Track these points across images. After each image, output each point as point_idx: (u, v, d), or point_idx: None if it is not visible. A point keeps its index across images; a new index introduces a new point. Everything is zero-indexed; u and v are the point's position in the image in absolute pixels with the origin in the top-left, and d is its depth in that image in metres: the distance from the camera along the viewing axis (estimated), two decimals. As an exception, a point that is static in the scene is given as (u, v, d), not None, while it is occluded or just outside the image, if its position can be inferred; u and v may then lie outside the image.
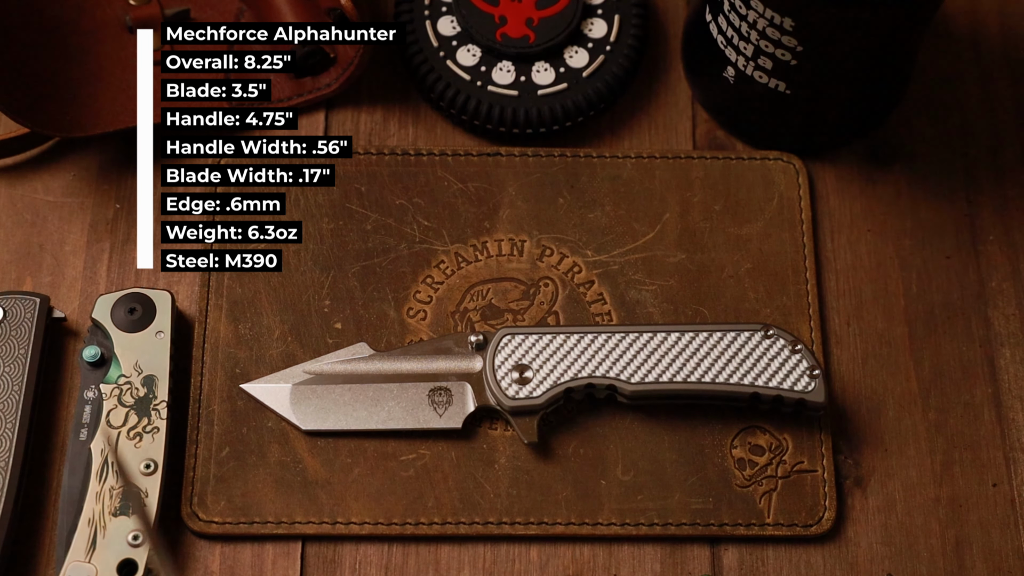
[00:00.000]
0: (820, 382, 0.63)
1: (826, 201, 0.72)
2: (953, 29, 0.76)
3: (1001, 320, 0.69)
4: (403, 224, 0.69)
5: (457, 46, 0.72)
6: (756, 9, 0.64)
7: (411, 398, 0.64)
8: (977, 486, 0.65)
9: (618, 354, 0.64)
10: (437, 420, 0.64)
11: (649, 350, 0.64)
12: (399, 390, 0.64)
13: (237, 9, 0.73)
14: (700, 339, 0.64)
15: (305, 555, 0.63)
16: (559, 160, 0.71)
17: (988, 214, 0.72)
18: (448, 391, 0.64)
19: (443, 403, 0.64)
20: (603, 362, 0.63)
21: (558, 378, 0.63)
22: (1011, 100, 0.75)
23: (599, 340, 0.64)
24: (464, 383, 0.64)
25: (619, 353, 0.64)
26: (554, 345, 0.64)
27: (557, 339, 0.64)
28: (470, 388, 0.64)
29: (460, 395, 0.64)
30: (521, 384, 0.63)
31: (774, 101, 0.69)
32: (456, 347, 0.65)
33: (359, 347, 0.65)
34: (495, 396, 0.63)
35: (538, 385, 0.63)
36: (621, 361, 0.64)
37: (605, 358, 0.63)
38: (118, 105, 0.70)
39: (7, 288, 0.68)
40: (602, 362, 0.63)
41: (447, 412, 0.64)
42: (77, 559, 0.59)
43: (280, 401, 0.64)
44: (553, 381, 0.63)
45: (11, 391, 0.62)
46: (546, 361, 0.63)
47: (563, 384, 0.63)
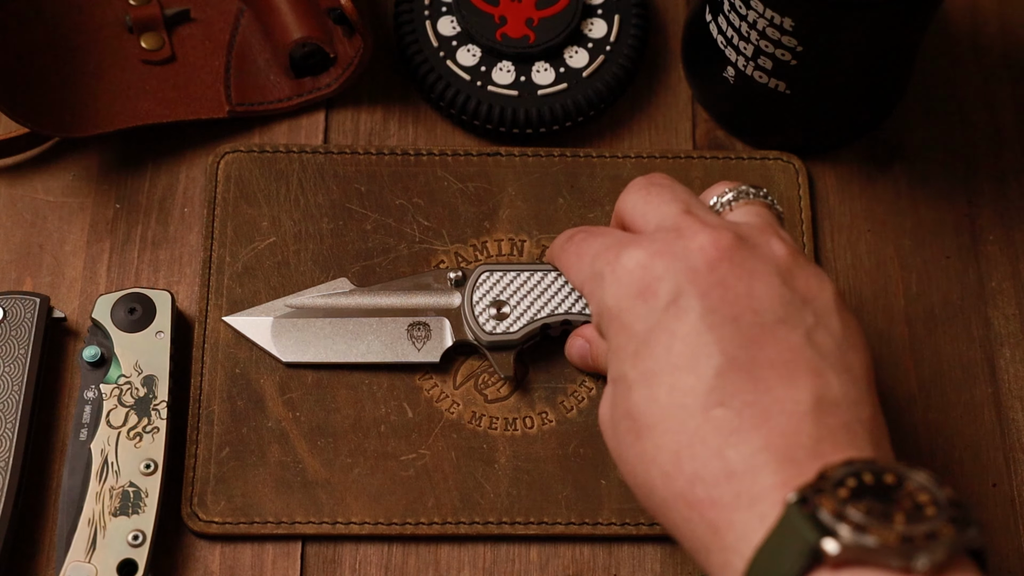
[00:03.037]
0: None
1: (826, 201, 0.72)
2: (953, 29, 0.76)
3: (1001, 320, 0.69)
4: (403, 224, 0.69)
5: (457, 46, 0.72)
6: (756, 9, 0.64)
7: (390, 332, 0.65)
8: (977, 486, 0.65)
9: None
10: (415, 354, 0.65)
11: None
12: (379, 324, 0.65)
13: (237, 9, 0.73)
14: None
15: (305, 555, 0.63)
16: (559, 160, 0.71)
17: (988, 214, 0.72)
18: (427, 326, 0.65)
19: (422, 337, 0.65)
20: (580, 298, 0.64)
21: (535, 314, 0.64)
22: (1011, 100, 0.75)
23: None
24: (443, 318, 0.65)
25: None
26: (532, 282, 0.65)
27: (535, 276, 0.65)
28: (448, 323, 0.65)
29: (439, 330, 0.65)
30: (499, 319, 0.64)
31: (774, 101, 0.69)
32: (435, 283, 0.66)
33: (340, 282, 0.67)
34: (473, 331, 0.64)
35: (515, 321, 0.64)
36: None
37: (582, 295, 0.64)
38: (118, 105, 0.70)
39: (7, 288, 0.68)
40: (579, 298, 0.64)
41: (425, 346, 0.65)
42: (77, 559, 0.59)
43: (261, 334, 0.65)
44: (530, 317, 0.64)
45: (11, 391, 0.62)
46: (523, 297, 0.64)
47: (540, 320, 0.64)
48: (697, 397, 0.50)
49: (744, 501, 0.47)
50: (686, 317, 0.51)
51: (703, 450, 0.49)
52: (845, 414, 0.49)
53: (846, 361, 0.51)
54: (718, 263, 0.52)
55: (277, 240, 0.68)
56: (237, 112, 0.71)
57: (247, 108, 0.71)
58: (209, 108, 0.71)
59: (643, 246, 0.53)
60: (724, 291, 0.51)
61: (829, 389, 0.49)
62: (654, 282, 0.52)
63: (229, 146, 0.70)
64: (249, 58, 0.72)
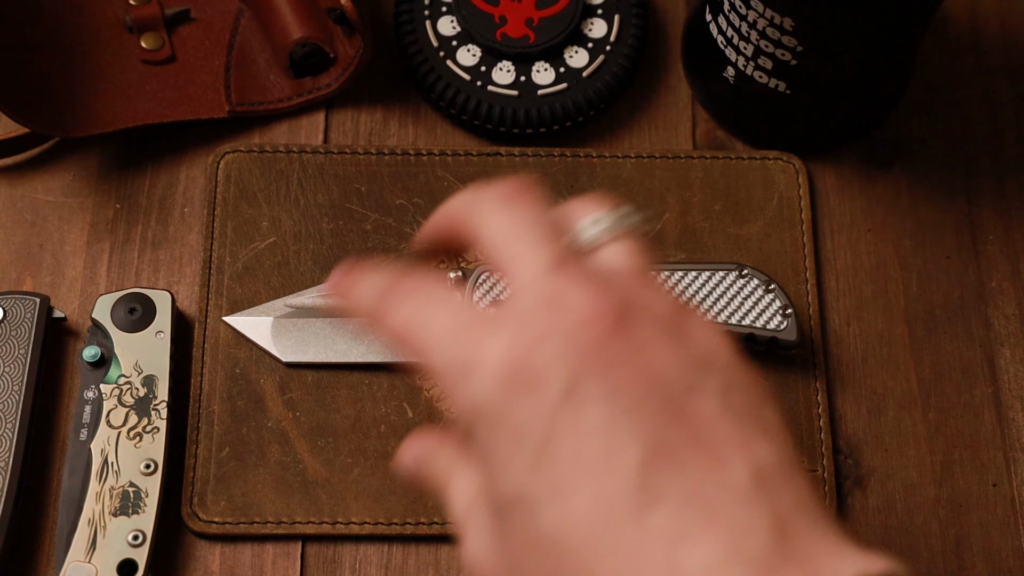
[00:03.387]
0: (792, 321, 0.64)
1: (826, 201, 0.72)
2: (953, 29, 0.76)
3: (1001, 320, 0.69)
4: (403, 224, 0.69)
5: (457, 46, 0.72)
6: (756, 9, 0.64)
7: None
8: (977, 486, 0.65)
9: None
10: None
11: None
12: None
13: (237, 9, 0.73)
14: (675, 277, 0.65)
15: (305, 555, 0.63)
16: (559, 160, 0.71)
17: (988, 214, 0.72)
18: None
19: None
20: None
21: None
22: (1011, 100, 0.75)
23: None
24: None
25: None
26: None
27: None
28: None
29: None
30: None
31: (774, 101, 0.69)
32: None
33: None
34: None
35: None
36: None
37: None
38: (118, 105, 0.70)
39: (7, 288, 0.68)
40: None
41: None
42: (77, 559, 0.59)
43: (261, 334, 0.65)
44: None
45: (11, 391, 0.62)
46: None
47: None
48: (626, 501, 0.40)
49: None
50: (589, 408, 0.41)
51: (652, 566, 0.39)
52: (786, 485, 0.41)
53: (764, 421, 0.42)
54: (608, 337, 0.42)
55: (277, 240, 0.68)
56: (237, 112, 0.71)
57: (247, 108, 0.71)
58: (209, 108, 0.71)
59: (516, 328, 0.42)
60: (622, 368, 0.41)
61: (761, 458, 0.41)
62: (541, 372, 0.41)
63: (229, 146, 0.70)
64: (249, 58, 0.72)
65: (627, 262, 0.45)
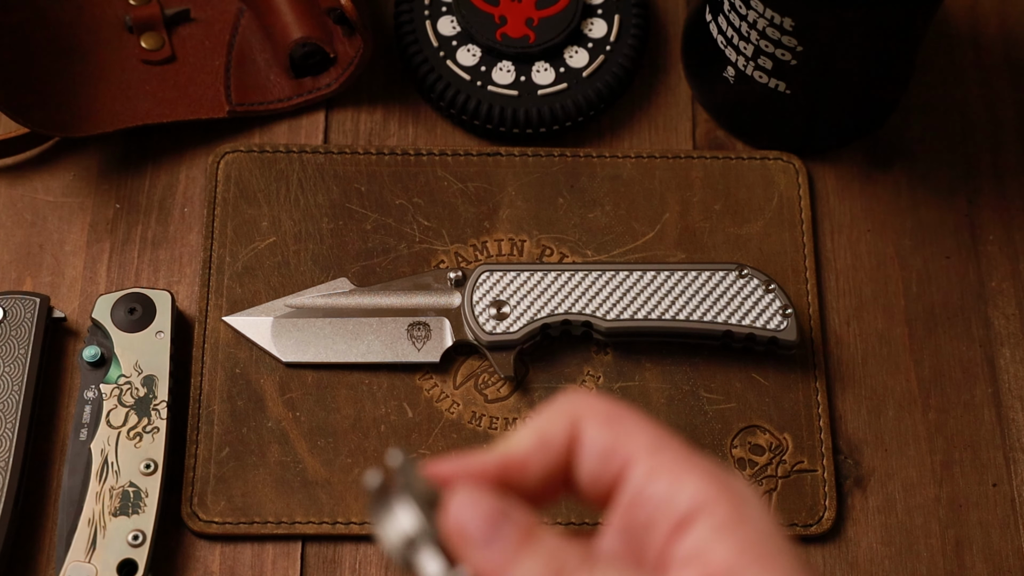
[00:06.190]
0: (792, 321, 0.64)
1: (826, 201, 0.72)
2: (953, 29, 0.76)
3: (1001, 320, 0.69)
4: (403, 224, 0.69)
5: (457, 46, 0.72)
6: (756, 9, 0.64)
7: (390, 332, 0.65)
8: (977, 486, 0.65)
9: (594, 291, 0.65)
10: (415, 354, 0.65)
11: (625, 288, 0.65)
12: (378, 324, 0.66)
13: (237, 9, 0.73)
14: (676, 277, 0.65)
15: (305, 555, 0.63)
16: (559, 160, 0.71)
17: (988, 214, 0.72)
18: (427, 326, 0.65)
19: (422, 337, 0.65)
20: (579, 299, 0.64)
21: (535, 314, 0.64)
22: (1011, 100, 0.75)
23: (576, 277, 0.65)
24: (443, 318, 0.65)
25: (595, 290, 0.65)
26: (532, 282, 0.65)
27: (535, 276, 0.65)
28: (448, 323, 0.65)
29: (439, 330, 0.65)
30: (499, 319, 0.64)
31: (774, 101, 0.69)
32: (435, 283, 0.66)
33: (340, 282, 0.67)
34: (473, 331, 0.65)
35: (515, 321, 0.64)
36: (597, 298, 0.65)
37: (582, 295, 0.65)
38: (118, 105, 0.70)
39: (7, 288, 0.68)
40: (579, 299, 0.64)
41: (425, 346, 0.65)
42: (77, 559, 0.59)
43: (261, 334, 0.65)
44: (530, 317, 0.64)
45: (11, 391, 0.62)
46: (523, 297, 0.65)
47: (540, 320, 0.64)
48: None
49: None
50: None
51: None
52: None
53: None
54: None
55: (277, 240, 0.68)
56: (237, 112, 0.71)
57: (247, 108, 0.71)
58: (209, 108, 0.71)
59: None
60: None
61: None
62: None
63: (229, 146, 0.70)
64: (249, 58, 0.72)
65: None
